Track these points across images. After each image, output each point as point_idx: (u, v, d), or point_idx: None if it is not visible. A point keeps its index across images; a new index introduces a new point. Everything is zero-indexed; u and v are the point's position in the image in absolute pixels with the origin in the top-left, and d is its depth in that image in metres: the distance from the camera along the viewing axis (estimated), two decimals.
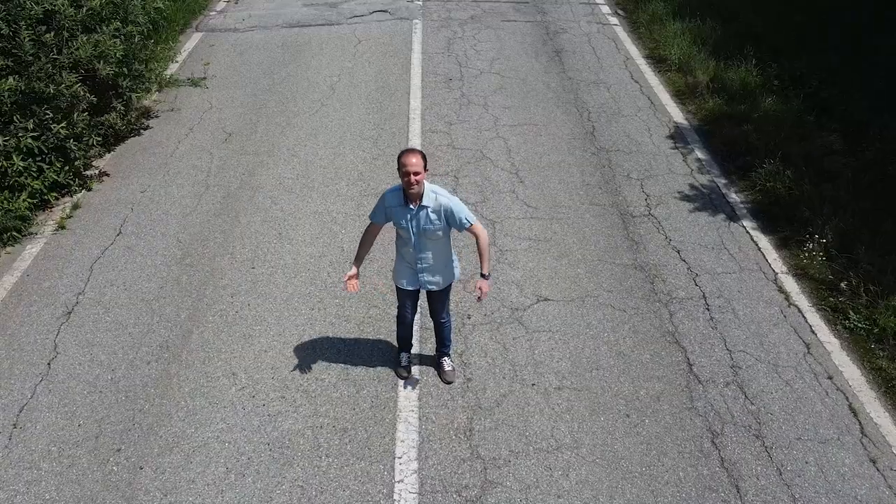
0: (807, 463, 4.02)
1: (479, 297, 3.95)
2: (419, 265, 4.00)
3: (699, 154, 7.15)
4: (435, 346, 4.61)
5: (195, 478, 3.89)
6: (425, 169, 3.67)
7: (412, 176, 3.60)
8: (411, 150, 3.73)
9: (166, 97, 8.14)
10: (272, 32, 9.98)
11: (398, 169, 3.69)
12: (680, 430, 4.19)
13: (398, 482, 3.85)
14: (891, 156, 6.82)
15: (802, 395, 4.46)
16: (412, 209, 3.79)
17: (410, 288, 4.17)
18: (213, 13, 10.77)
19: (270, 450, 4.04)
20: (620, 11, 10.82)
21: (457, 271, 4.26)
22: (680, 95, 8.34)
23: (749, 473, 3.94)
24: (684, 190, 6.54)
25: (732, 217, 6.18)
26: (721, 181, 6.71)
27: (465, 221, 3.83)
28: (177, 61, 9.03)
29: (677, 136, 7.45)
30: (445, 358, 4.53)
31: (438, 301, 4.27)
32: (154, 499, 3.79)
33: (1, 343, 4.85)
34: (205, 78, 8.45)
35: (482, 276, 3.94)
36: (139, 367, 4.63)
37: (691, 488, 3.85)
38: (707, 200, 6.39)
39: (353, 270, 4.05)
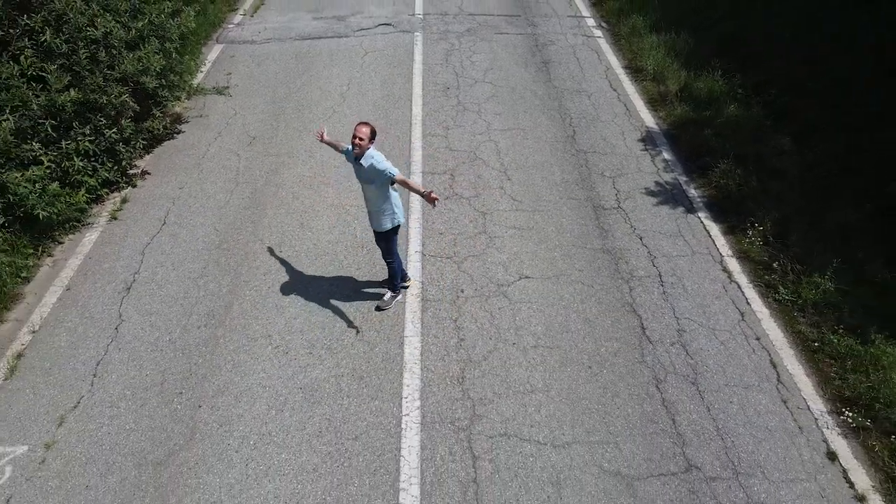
0: (731, 403, 5.03)
1: (435, 200, 4.95)
2: (367, 210, 5.43)
3: (666, 155, 8.15)
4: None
5: (243, 413, 4.91)
6: (371, 140, 5.00)
7: (356, 139, 4.95)
8: (363, 123, 5.06)
9: (195, 104, 9.14)
10: (286, 44, 10.97)
11: (359, 128, 4.97)
12: (631, 378, 5.20)
13: (404, 416, 4.87)
14: (833, 157, 7.84)
15: (733, 352, 5.48)
16: (357, 164, 5.12)
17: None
18: (231, 26, 11.74)
19: (302, 393, 5.06)
20: (604, 24, 11.81)
21: (387, 223, 5.36)
22: (653, 103, 9.34)
23: (684, 410, 4.96)
24: (650, 186, 7.55)
25: (690, 209, 7.18)
26: (682, 179, 7.71)
27: (388, 174, 5.05)
28: (202, 71, 9.99)
29: (648, 140, 8.45)
30: (387, 293, 5.83)
31: (380, 241, 5.56)
32: (212, 429, 4.81)
33: (75, 312, 5.86)
34: (228, 87, 9.42)
35: (423, 194, 5.00)
36: (191, 331, 5.64)
37: (637, 420, 4.86)
38: (669, 195, 7.40)
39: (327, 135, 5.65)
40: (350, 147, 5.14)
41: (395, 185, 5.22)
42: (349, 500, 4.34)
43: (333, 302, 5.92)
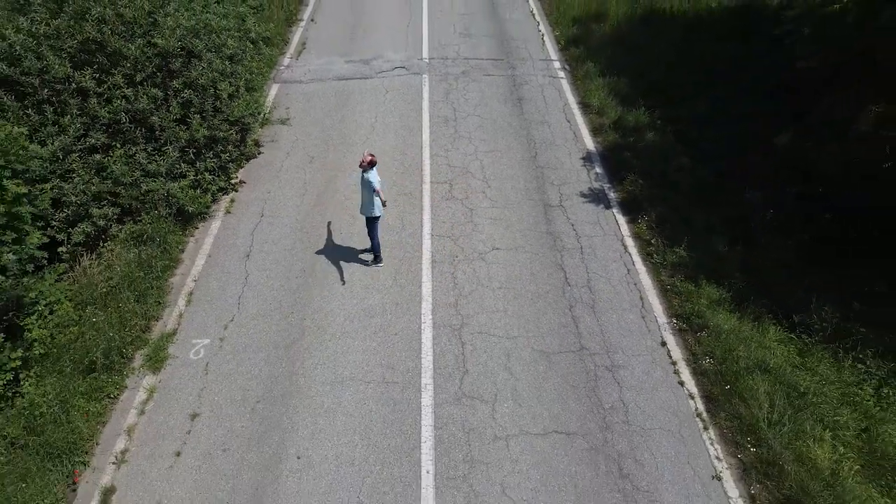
0: (612, 317, 8.68)
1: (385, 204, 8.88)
2: (360, 202, 9.02)
3: (598, 170, 11.80)
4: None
5: (331, 322, 8.57)
6: (370, 164, 8.57)
7: (361, 160, 8.55)
8: (369, 153, 8.70)
9: (267, 132, 12.77)
10: (326, 84, 14.63)
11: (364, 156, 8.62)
12: (555, 305, 8.85)
13: (423, 323, 8.51)
14: (717, 174, 11.45)
15: (619, 291, 9.13)
16: (362, 175, 8.67)
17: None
18: (282, 67, 15.38)
19: (363, 311, 8.71)
20: (567, 67, 15.46)
21: (368, 212, 8.93)
22: (595, 131, 12.99)
23: (583, 321, 8.61)
24: (584, 191, 11.20)
25: (607, 206, 10.84)
26: (606, 186, 11.37)
27: (372, 186, 8.61)
28: (267, 105, 13.64)
29: (587, 158, 12.10)
30: (371, 257, 9.51)
31: (367, 224, 9.12)
32: (313, 330, 8.46)
33: (218, 270, 9.52)
34: (288, 118, 13.05)
35: (382, 201, 8.85)
36: (292, 280, 9.29)
37: (556, 326, 8.51)
38: (595, 197, 11.05)
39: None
40: (362, 169, 8.78)
41: (376, 192, 8.75)
42: (393, 360, 7.98)
43: (378, 266, 9.56)
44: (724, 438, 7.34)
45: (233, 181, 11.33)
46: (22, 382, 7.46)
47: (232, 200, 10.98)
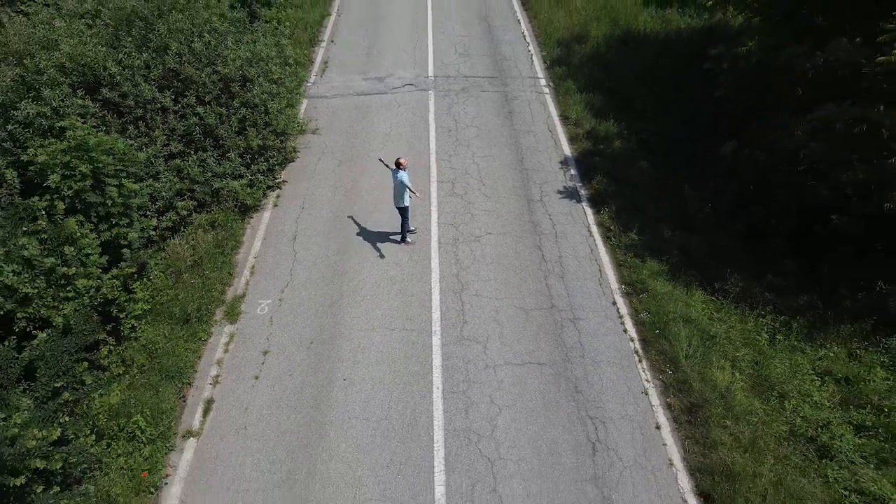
0: (577, 284, 11.39)
1: (419, 197, 11.59)
2: (393, 195, 11.69)
3: (572, 171, 14.51)
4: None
5: (362, 287, 11.28)
6: (399, 166, 11.22)
7: (397, 162, 11.30)
8: (400, 157, 11.40)
9: (301, 140, 15.45)
10: (347, 99, 17.33)
11: (397, 160, 11.31)
12: (533, 275, 11.56)
13: (432, 289, 11.22)
14: (672, 176, 14.14)
15: (583, 265, 11.84)
16: (394, 174, 11.36)
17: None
18: (310, 84, 18.07)
19: (387, 280, 11.44)
20: (551, 84, 18.16)
21: (400, 203, 11.58)
22: (572, 140, 15.70)
23: (555, 287, 11.32)
24: (560, 189, 13.90)
25: (578, 201, 13.55)
26: (578, 184, 14.07)
27: (403, 183, 11.29)
28: (301, 118, 16.33)
29: (564, 162, 14.81)
30: (399, 237, 12.10)
31: (400, 212, 11.75)
32: (350, 294, 11.18)
33: (272, 250, 12.24)
34: (318, 129, 15.75)
35: (412, 193, 11.50)
36: (331, 257, 12.00)
37: (533, 290, 11.22)
38: (569, 193, 13.75)
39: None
40: (394, 167, 11.44)
41: (407, 188, 11.45)
42: (410, 314, 10.69)
43: (394, 244, 12.27)
44: (652, 367, 10.06)
45: (278, 180, 14.03)
46: (141, 328, 10.17)
47: (278, 196, 13.69)
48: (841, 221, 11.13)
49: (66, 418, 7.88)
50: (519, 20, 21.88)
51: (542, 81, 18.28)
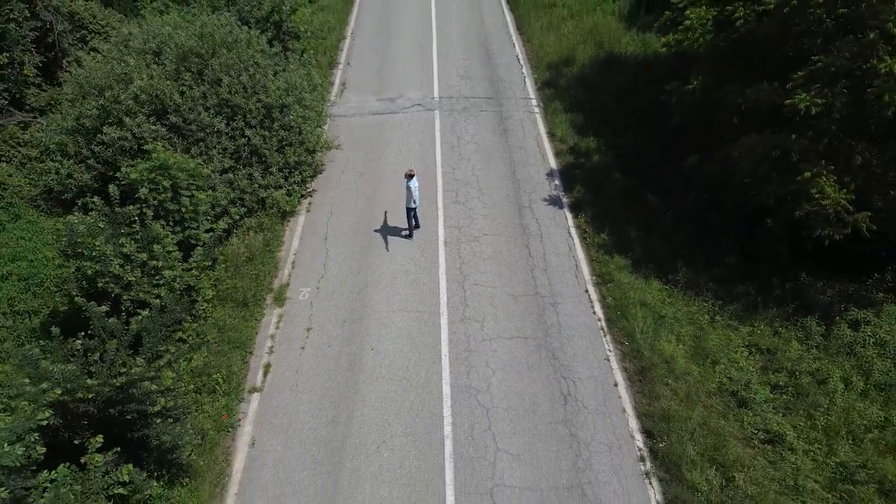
0: (557, 275, 14.08)
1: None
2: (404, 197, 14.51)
3: (556, 182, 17.19)
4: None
5: (382, 278, 13.97)
6: (410, 176, 13.97)
7: (408, 173, 14.03)
8: (410, 169, 14.15)
9: (327, 155, 18.10)
10: (364, 118, 19.99)
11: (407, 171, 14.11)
12: (521, 268, 14.24)
13: (440, 279, 13.90)
14: (642, 186, 16.82)
15: (563, 261, 14.54)
16: (406, 183, 14.09)
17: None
18: (331, 104, 20.73)
19: (403, 272, 14.13)
20: (541, 104, 20.81)
21: (407, 205, 14.36)
22: (557, 154, 18.37)
23: (539, 279, 14.01)
24: (546, 196, 16.58)
25: (560, 207, 16.23)
26: (561, 193, 16.75)
27: (409, 189, 14.06)
28: (326, 135, 18.98)
29: (550, 174, 17.48)
30: (406, 233, 14.89)
31: (407, 211, 14.55)
32: (373, 284, 13.87)
33: (308, 248, 14.93)
34: (340, 145, 18.41)
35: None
36: (356, 253, 14.69)
37: (521, 282, 13.91)
38: (553, 201, 16.43)
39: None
40: (406, 178, 14.13)
41: (411, 193, 14.12)
42: (423, 299, 13.37)
43: (408, 242, 14.95)
44: (613, 340, 12.74)
45: (309, 190, 16.72)
46: (210, 310, 12.85)
47: (310, 203, 16.38)
48: (774, 225, 13.83)
49: (169, 373, 10.55)
50: (514, 44, 24.57)
51: (534, 102, 20.95)
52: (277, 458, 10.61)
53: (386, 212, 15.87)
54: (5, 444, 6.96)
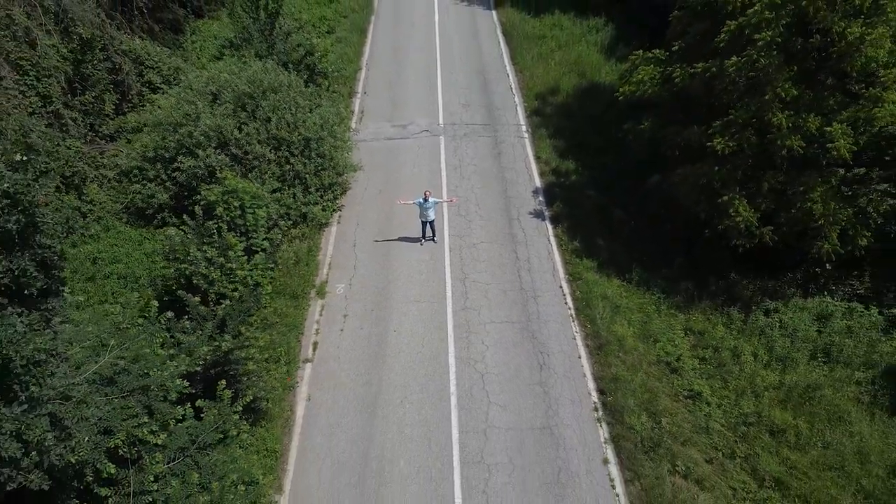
0: (539, 274, 17.91)
1: (454, 200, 18.29)
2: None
3: (541, 198, 20.99)
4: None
5: (400, 277, 17.82)
6: (426, 196, 17.82)
7: (426, 194, 17.83)
8: (427, 191, 17.96)
9: (351, 175, 21.89)
10: (381, 142, 23.79)
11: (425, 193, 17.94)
12: (510, 268, 18.08)
13: (446, 275, 17.74)
14: (615, 203, 20.66)
15: (543, 263, 18.37)
16: (424, 202, 17.91)
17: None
18: (352, 129, 24.50)
19: (418, 265, 17.98)
20: (529, 130, 24.58)
21: (428, 218, 18.20)
22: (542, 174, 22.15)
23: (524, 278, 17.85)
24: (531, 210, 20.39)
25: (543, 219, 20.04)
26: (544, 208, 20.56)
27: (434, 202, 18.00)
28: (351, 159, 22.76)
29: (535, 191, 21.28)
30: (431, 238, 18.78)
31: (429, 227, 18.50)
32: (394, 278, 17.72)
33: (341, 253, 18.77)
34: (361, 167, 22.17)
35: (446, 200, 18.26)
36: (381, 255, 18.51)
37: (510, 281, 17.75)
38: (537, 214, 20.24)
39: (404, 201, 18.32)
40: (421, 199, 17.90)
41: (429, 209, 17.97)
42: (432, 292, 17.19)
43: (421, 248, 18.77)
44: (580, 324, 16.56)
45: (339, 205, 20.55)
46: (270, 301, 16.68)
47: (340, 216, 20.21)
48: (711, 234, 17.67)
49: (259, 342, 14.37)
50: (508, 74, 28.37)
51: (523, 128, 24.77)
52: (328, 408, 14.45)
53: (402, 223, 19.69)
54: (177, 379, 10.77)
